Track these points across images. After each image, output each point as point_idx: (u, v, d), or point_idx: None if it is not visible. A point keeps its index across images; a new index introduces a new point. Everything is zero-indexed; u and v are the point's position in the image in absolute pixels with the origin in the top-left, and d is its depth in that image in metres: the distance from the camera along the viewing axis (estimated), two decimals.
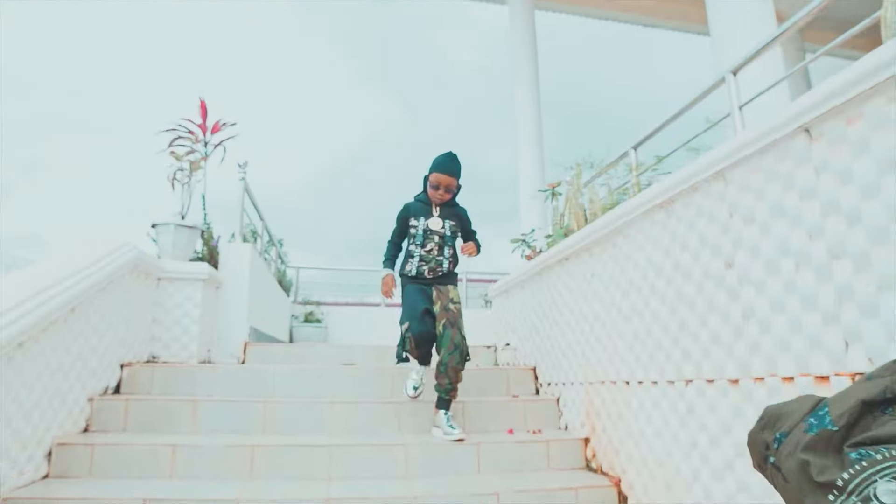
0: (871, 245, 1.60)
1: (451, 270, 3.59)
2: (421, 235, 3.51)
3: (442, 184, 3.46)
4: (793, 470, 0.84)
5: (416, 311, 3.38)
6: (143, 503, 2.53)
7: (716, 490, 2.22)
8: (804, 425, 0.86)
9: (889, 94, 1.56)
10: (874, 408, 0.80)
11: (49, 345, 2.87)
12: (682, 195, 2.46)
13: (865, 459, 0.76)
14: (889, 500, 0.71)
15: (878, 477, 0.73)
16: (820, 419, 0.84)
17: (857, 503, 0.74)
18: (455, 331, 3.37)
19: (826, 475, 0.78)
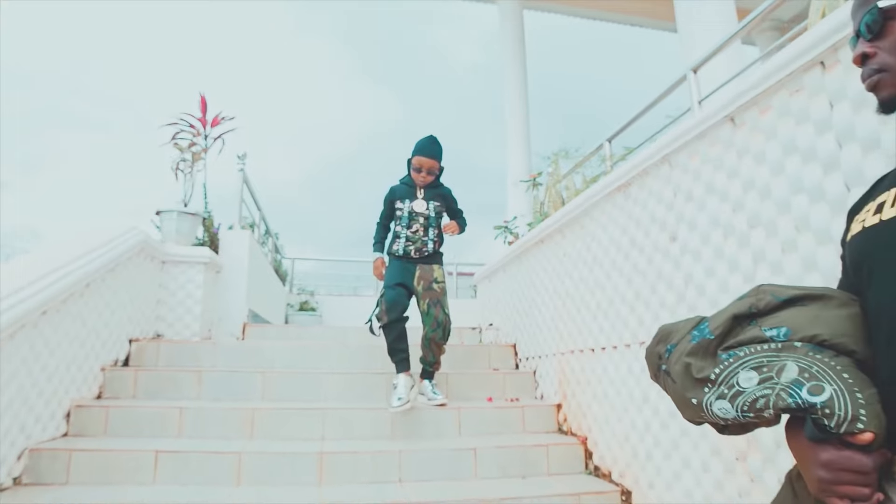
0: (778, 214, 1.91)
1: (437, 250, 3.70)
2: (406, 217, 3.62)
3: (424, 166, 3.59)
4: (678, 372, 1.11)
5: (392, 282, 3.56)
6: (155, 454, 2.83)
7: (663, 437, 2.53)
8: (689, 337, 1.13)
9: (790, 88, 1.87)
10: (742, 321, 1.08)
11: (68, 315, 3.16)
12: (636, 178, 2.77)
13: (732, 357, 1.04)
14: (746, 384, 0.99)
15: (739, 368, 1.01)
16: (701, 331, 1.11)
17: (724, 391, 1.02)
18: (439, 309, 3.52)
19: (703, 373, 1.05)
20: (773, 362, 0.93)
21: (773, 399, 0.90)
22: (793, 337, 0.94)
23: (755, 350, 0.96)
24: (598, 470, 3.11)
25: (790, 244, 1.85)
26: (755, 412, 0.93)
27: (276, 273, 7.45)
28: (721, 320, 1.04)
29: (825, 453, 0.86)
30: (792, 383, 0.89)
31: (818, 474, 0.87)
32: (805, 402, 0.87)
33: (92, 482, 2.74)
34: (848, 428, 0.84)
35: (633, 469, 2.76)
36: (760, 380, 0.92)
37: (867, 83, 0.96)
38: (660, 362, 1.16)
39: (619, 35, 10.64)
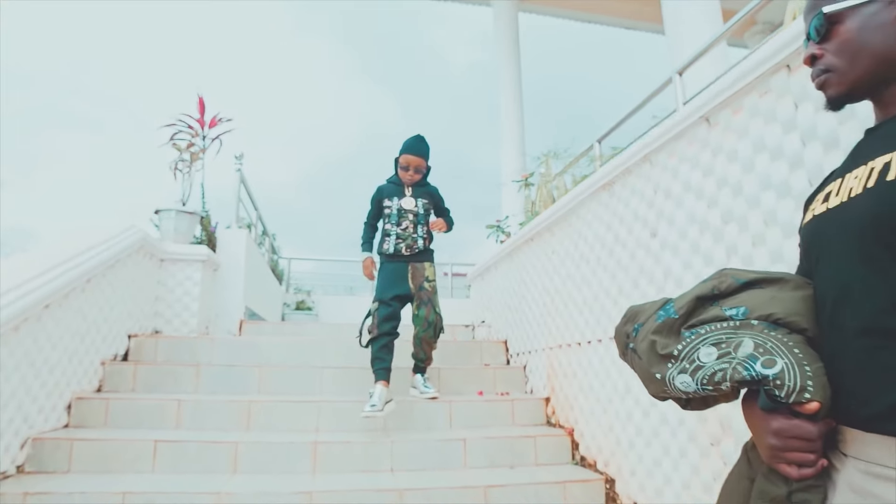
0: (749, 210, 2.01)
1: (427, 247, 3.71)
2: (396, 215, 3.64)
3: (411, 164, 3.64)
4: (644, 349, 1.19)
5: (387, 295, 3.53)
6: (154, 444, 2.92)
7: (644, 426, 2.63)
8: (655, 317, 1.21)
9: (760, 90, 1.97)
10: (705, 301, 1.16)
11: (70, 310, 3.25)
12: (620, 177, 2.87)
13: (694, 335, 1.12)
14: (706, 359, 1.07)
15: (700, 345, 1.09)
16: (666, 311, 1.19)
17: (686, 366, 1.11)
18: (429, 309, 3.55)
19: (667, 349, 1.13)
20: (732, 339, 1.01)
21: (730, 372, 0.98)
22: (750, 316, 1.03)
23: (715, 328, 1.05)
24: (584, 460, 3.21)
25: (759, 238, 1.95)
26: (714, 385, 1.01)
27: (273, 273, 7.54)
28: (685, 301, 1.12)
29: (776, 422, 0.95)
30: (748, 357, 0.97)
31: (769, 442, 0.96)
32: (759, 374, 0.95)
33: (93, 470, 2.83)
34: (797, 398, 0.92)
35: (617, 458, 2.86)
36: (719, 355, 1.00)
37: (816, 82, 1.05)
38: (627, 341, 1.24)
39: (614, 37, 10.79)
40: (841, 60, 0.99)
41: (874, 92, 0.99)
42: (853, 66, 0.98)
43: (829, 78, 1.01)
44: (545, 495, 2.84)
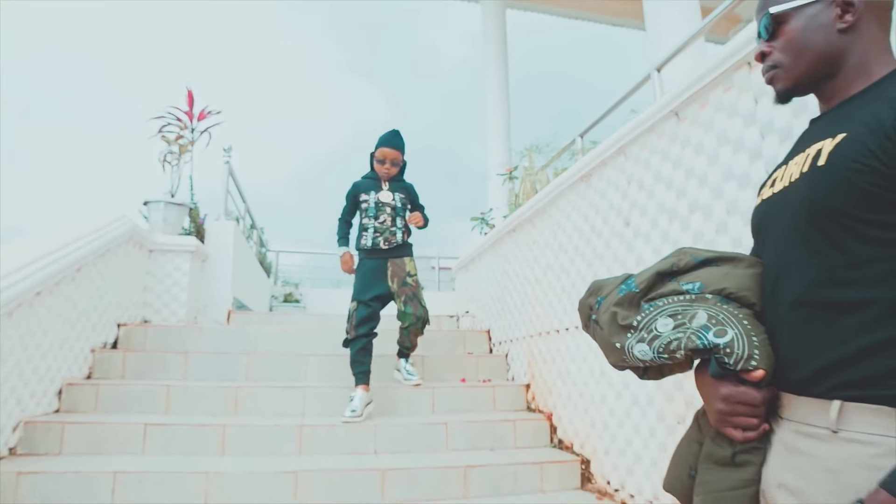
0: (713, 200, 2.12)
1: (405, 241, 3.71)
2: (373, 208, 3.62)
3: (387, 157, 3.64)
4: (606, 321, 1.26)
5: (365, 296, 3.51)
6: (144, 427, 3.00)
7: (617, 407, 2.74)
8: (617, 290, 1.29)
9: (724, 86, 2.08)
10: (665, 277, 1.24)
11: (61, 297, 3.31)
12: (597, 169, 2.98)
13: (652, 307, 1.20)
14: (663, 329, 1.15)
15: (658, 316, 1.18)
16: (628, 285, 1.27)
17: (644, 335, 1.19)
18: (416, 304, 3.55)
19: (627, 320, 1.21)
20: (687, 310, 1.10)
21: (685, 341, 1.05)
22: (705, 290, 1.12)
23: (672, 300, 1.13)
24: (561, 443, 3.32)
25: (722, 226, 2.06)
26: (669, 353, 1.08)
27: (261, 265, 7.60)
28: (646, 276, 1.21)
29: (724, 388, 1.04)
30: (701, 328, 1.04)
31: (718, 407, 1.05)
32: (711, 343, 1.02)
33: (84, 452, 2.91)
34: (744, 365, 1.00)
35: (592, 439, 2.98)
36: (675, 325, 1.08)
37: (765, 77, 1.15)
38: (590, 313, 1.32)
39: (601, 34, 10.80)
40: (787, 57, 1.08)
41: (817, 86, 1.08)
42: (798, 62, 1.06)
43: (777, 73, 1.10)
44: (523, 476, 2.95)
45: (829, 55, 1.02)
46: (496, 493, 2.88)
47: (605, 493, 2.83)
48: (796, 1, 1.05)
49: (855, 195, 0.88)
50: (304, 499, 2.67)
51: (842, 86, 1.04)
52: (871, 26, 1.02)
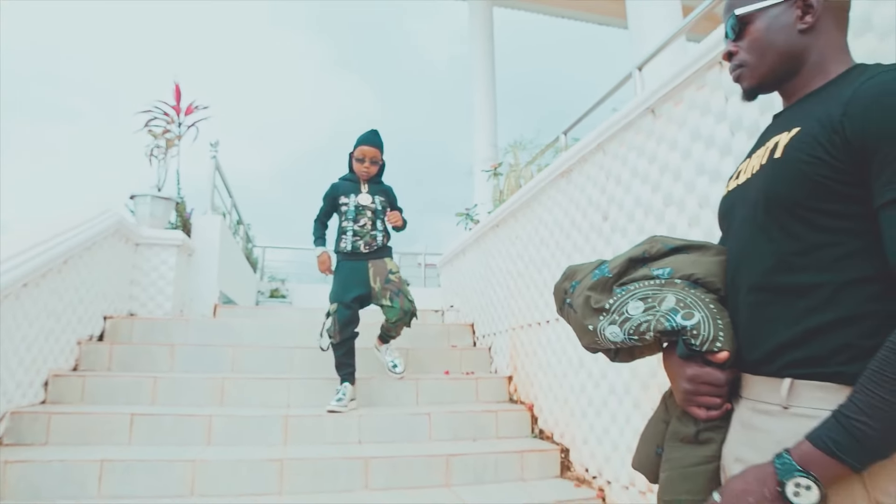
0: (686, 194, 2.19)
1: (385, 244, 3.69)
2: (353, 211, 3.60)
3: (366, 156, 3.61)
4: (580, 304, 1.31)
5: (347, 297, 3.48)
6: (131, 417, 3.04)
7: (595, 396, 2.82)
8: (591, 275, 1.34)
9: (697, 84, 2.16)
10: (637, 263, 1.30)
11: (47, 289, 3.34)
12: (577, 164, 3.06)
13: (624, 291, 1.26)
14: (634, 312, 1.21)
15: (629, 299, 1.23)
16: (601, 270, 1.32)
17: (615, 318, 1.25)
18: (402, 298, 3.52)
19: (600, 304, 1.27)
20: (657, 294, 1.15)
21: (654, 323, 1.10)
22: (674, 276, 1.17)
23: (643, 285, 1.18)
24: (542, 433, 3.40)
25: (695, 219, 2.14)
26: (639, 335, 1.13)
27: (248, 260, 7.63)
28: (619, 262, 1.27)
29: (690, 369, 1.09)
30: (670, 311, 1.10)
31: (684, 386, 1.11)
32: (679, 325, 1.07)
33: (71, 442, 2.94)
34: (709, 347, 1.05)
35: (571, 428, 3.05)
36: (645, 308, 1.13)
37: (732, 76, 1.21)
38: (565, 297, 1.37)
39: (587, 33, 10.85)
40: (752, 56, 1.14)
41: (780, 84, 1.14)
42: (762, 61, 1.13)
43: (743, 72, 1.16)
44: (504, 464, 3.02)
45: (791, 54, 1.08)
46: (477, 481, 2.95)
47: (584, 481, 2.90)
48: (760, 3, 1.11)
49: (807, 186, 0.94)
50: (289, 486, 2.73)
51: (802, 83, 1.10)
52: (829, 27, 1.08)
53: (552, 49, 55.46)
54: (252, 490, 2.69)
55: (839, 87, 1.00)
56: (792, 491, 0.82)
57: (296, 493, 2.71)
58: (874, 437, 0.79)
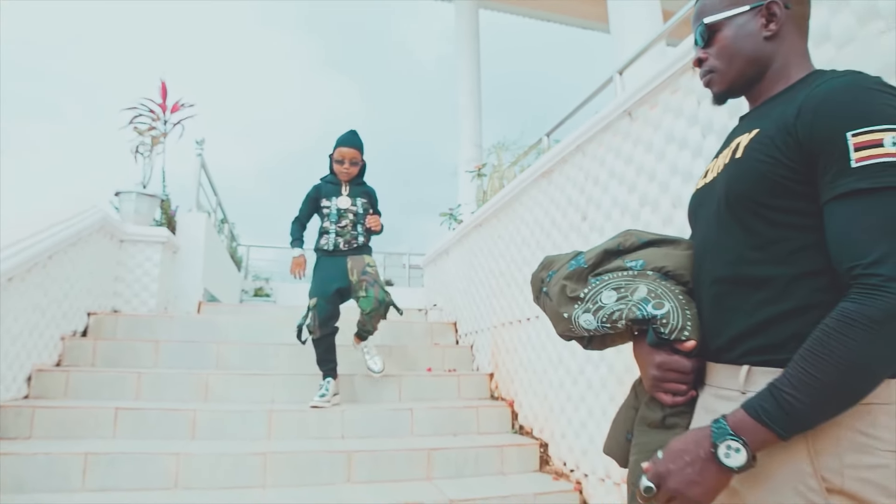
0: (660, 194, 2.27)
1: (366, 244, 3.71)
2: (335, 214, 3.62)
3: (346, 157, 3.59)
4: (556, 292, 1.36)
5: (326, 291, 3.52)
6: (115, 411, 3.06)
7: (573, 391, 2.89)
8: (567, 265, 1.40)
9: (671, 88, 2.24)
10: (611, 255, 1.36)
11: (32, 284, 3.35)
12: (557, 165, 3.13)
13: (598, 281, 1.32)
14: (607, 301, 1.26)
15: (603, 289, 1.29)
16: (577, 261, 1.38)
17: (589, 306, 1.30)
18: (377, 288, 3.51)
19: (575, 293, 1.32)
20: (630, 285, 1.21)
21: (626, 312, 1.16)
22: (646, 268, 1.24)
23: (617, 276, 1.24)
24: (522, 429, 3.46)
25: (668, 218, 2.22)
26: (612, 323, 1.18)
27: (232, 259, 7.63)
28: (594, 253, 1.33)
29: (659, 356, 1.16)
30: (641, 300, 1.15)
31: (652, 373, 1.18)
32: (649, 314, 1.13)
33: (55, 436, 2.96)
34: (678, 335, 1.12)
35: (550, 423, 3.12)
36: (618, 297, 1.19)
37: (703, 81, 1.28)
38: (542, 285, 1.42)
39: (573, 37, 10.96)
40: (721, 62, 1.21)
41: (747, 88, 1.21)
42: (730, 66, 1.19)
43: (713, 77, 1.23)
44: (484, 459, 3.09)
45: (757, 60, 1.15)
46: (458, 474, 3.01)
47: (562, 474, 2.98)
48: (727, 11, 1.18)
49: (764, 185, 1.01)
50: (273, 479, 2.77)
51: (766, 87, 1.17)
52: (791, 34, 1.15)
53: (537, 52, 55.81)
54: (236, 483, 2.73)
55: (797, 91, 1.06)
56: (723, 452, 0.90)
57: (279, 486, 2.75)
58: (801, 410, 0.86)
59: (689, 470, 0.94)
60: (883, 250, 0.83)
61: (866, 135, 0.88)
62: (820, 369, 0.85)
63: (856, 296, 0.85)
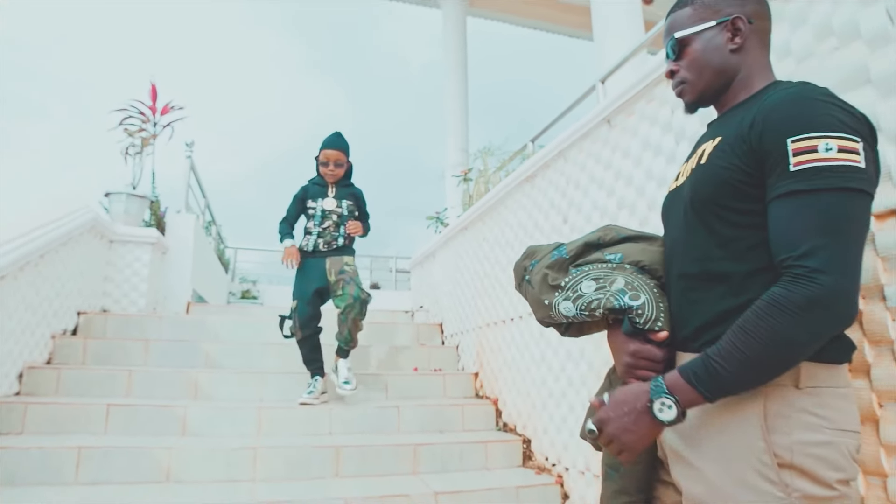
0: (637, 198, 2.38)
1: (347, 245, 3.75)
2: (319, 216, 3.68)
3: (330, 159, 3.65)
4: (538, 281, 1.45)
5: (306, 293, 3.59)
6: (107, 407, 3.12)
7: (555, 388, 2.99)
8: (549, 255, 1.48)
9: (647, 98, 2.35)
10: (591, 247, 1.45)
11: (24, 282, 3.40)
12: (540, 170, 3.24)
13: (579, 271, 1.41)
14: (587, 290, 1.35)
15: (583, 279, 1.38)
16: (559, 251, 1.47)
17: (569, 294, 1.38)
18: (353, 286, 3.51)
19: (556, 281, 1.40)
20: (608, 276, 1.31)
21: (605, 301, 1.25)
22: (624, 261, 1.33)
23: (596, 267, 1.34)
24: (506, 426, 3.56)
25: (644, 221, 2.33)
26: (590, 311, 1.27)
27: (220, 261, 7.68)
28: (575, 245, 1.42)
29: (633, 345, 1.25)
30: (619, 291, 1.24)
31: (625, 360, 1.27)
32: (626, 304, 1.22)
33: (47, 432, 3.01)
34: (651, 325, 1.21)
35: (532, 420, 3.22)
36: (597, 287, 1.29)
37: (675, 92, 1.38)
38: (524, 273, 1.51)
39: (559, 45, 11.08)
40: (691, 74, 1.31)
41: (716, 98, 1.32)
42: (700, 78, 1.30)
43: (684, 88, 1.33)
44: (469, 454, 3.18)
45: (724, 71, 1.26)
46: (443, 469, 3.10)
47: (544, 469, 3.08)
48: (696, 27, 1.29)
49: (725, 188, 1.12)
50: (263, 473, 2.84)
51: (731, 96, 1.28)
52: (754, 47, 1.26)
53: (523, 58, 56.03)
54: (227, 476, 2.80)
55: (757, 100, 1.17)
56: (657, 407, 1.03)
57: (269, 480, 2.83)
58: (726, 377, 0.99)
59: (626, 419, 1.07)
60: (811, 244, 0.95)
61: (803, 141, 0.99)
62: (746, 344, 0.97)
63: (784, 283, 0.97)
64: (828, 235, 0.95)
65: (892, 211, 1.35)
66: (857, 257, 0.97)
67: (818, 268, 0.93)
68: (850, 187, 0.96)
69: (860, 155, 0.97)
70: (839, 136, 0.98)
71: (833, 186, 0.96)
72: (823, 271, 0.93)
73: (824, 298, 0.93)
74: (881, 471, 1.33)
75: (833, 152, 0.97)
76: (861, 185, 0.96)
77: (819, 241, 0.95)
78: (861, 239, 0.98)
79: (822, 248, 0.94)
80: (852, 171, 0.96)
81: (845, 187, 0.96)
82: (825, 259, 0.93)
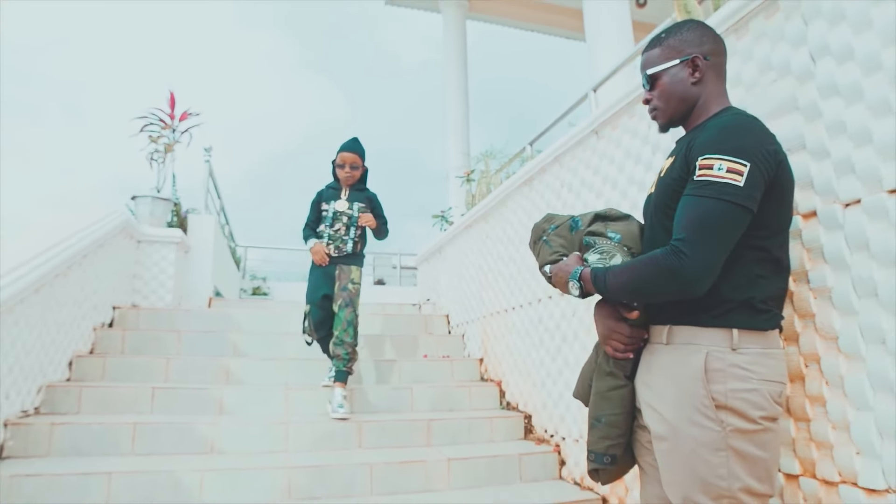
0: (621, 200, 2.75)
1: (356, 252, 3.87)
2: (331, 218, 3.81)
3: (346, 161, 3.78)
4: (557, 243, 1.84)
5: (316, 297, 3.77)
6: (152, 390, 3.49)
7: (551, 367, 3.37)
8: (567, 225, 1.88)
9: (631, 112, 2.72)
10: (600, 218, 1.84)
11: (73, 280, 3.77)
12: (537, 174, 3.61)
13: (587, 244, 1.78)
14: (591, 259, 1.74)
15: (590, 252, 1.76)
16: (575, 222, 1.83)
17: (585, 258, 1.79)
18: (349, 310, 3.70)
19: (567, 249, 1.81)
20: (609, 252, 1.67)
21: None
22: (622, 242, 1.70)
23: (602, 243, 1.71)
24: (509, 405, 3.94)
25: None
26: None
27: (233, 258, 8.04)
28: (588, 217, 1.78)
29: (609, 319, 1.61)
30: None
31: (602, 331, 1.64)
32: None
33: (99, 411, 3.38)
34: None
35: (533, 397, 3.60)
36: (599, 258, 1.66)
37: (650, 115, 1.75)
38: (542, 235, 1.89)
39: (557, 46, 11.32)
40: (661, 102, 1.67)
41: (682, 120, 1.68)
42: (668, 105, 1.66)
43: (657, 113, 1.70)
44: (476, 428, 3.56)
45: (687, 99, 1.62)
46: (454, 441, 3.47)
47: (543, 440, 3.45)
48: (663, 65, 1.65)
49: (675, 197, 1.49)
50: (294, 445, 3.22)
51: (694, 119, 1.65)
52: (711, 80, 1.62)
53: (522, 59, 56.38)
54: (263, 448, 3.18)
55: (708, 123, 1.54)
56: (571, 285, 1.56)
57: (301, 451, 3.21)
58: (611, 284, 1.49)
59: (558, 280, 1.65)
60: (686, 233, 1.35)
61: (707, 160, 1.38)
62: (628, 273, 1.45)
63: (666, 251, 1.37)
64: (698, 229, 1.34)
65: (814, 212, 1.70)
66: (715, 249, 1.34)
67: (683, 250, 1.33)
68: (724, 199, 1.33)
69: (743, 176, 1.33)
70: (731, 159, 1.36)
71: (712, 196, 1.34)
72: (686, 254, 1.32)
73: (678, 270, 1.33)
74: (806, 416, 1.70)
75: (722, 171, 1.36)
76: (734, 199, 1.33)
77: (691, 233, 1.35)
78: (724, 237, 1.35)
79: (691, 237, 1.34)
80: (731, 187, 1.33)
81: (721, 198, 1.33)
82: (690, 245, 1.33)
